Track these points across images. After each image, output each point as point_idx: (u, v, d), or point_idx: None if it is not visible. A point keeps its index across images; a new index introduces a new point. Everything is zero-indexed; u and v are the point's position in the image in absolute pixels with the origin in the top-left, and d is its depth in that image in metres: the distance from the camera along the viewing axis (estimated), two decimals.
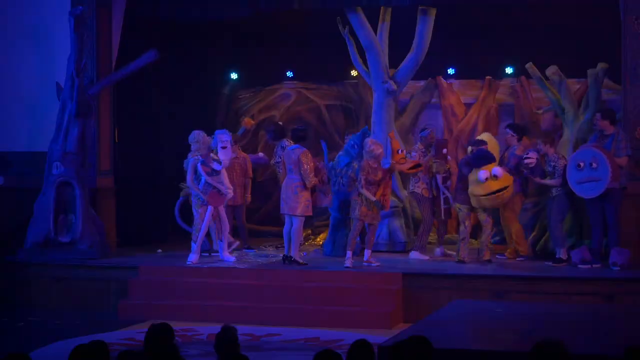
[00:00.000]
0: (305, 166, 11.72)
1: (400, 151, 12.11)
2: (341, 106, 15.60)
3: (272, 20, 14.73)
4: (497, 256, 12.36)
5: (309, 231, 13.76)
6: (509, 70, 14.74)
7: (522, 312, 9.26)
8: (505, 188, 11.74)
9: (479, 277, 11.15)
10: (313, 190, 12.00)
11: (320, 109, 15.62)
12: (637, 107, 11.74)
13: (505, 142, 12.83)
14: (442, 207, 12.35)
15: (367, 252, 11.88)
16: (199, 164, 12.02)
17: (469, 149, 12.45)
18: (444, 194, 12.32)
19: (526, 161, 11.89)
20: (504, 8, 13.75)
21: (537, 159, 11.84)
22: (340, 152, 12.69)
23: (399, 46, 13.51)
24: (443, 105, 14.92)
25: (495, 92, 14.76)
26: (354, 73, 14.98)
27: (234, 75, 16.10)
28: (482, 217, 11.96)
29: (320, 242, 13.81)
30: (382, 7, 13.41)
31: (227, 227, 12.32)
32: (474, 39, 14.39)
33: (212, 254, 12.65)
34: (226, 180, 12.17)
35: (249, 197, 13.36)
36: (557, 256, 11.75)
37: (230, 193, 12.18)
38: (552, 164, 11.71)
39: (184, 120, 14.88)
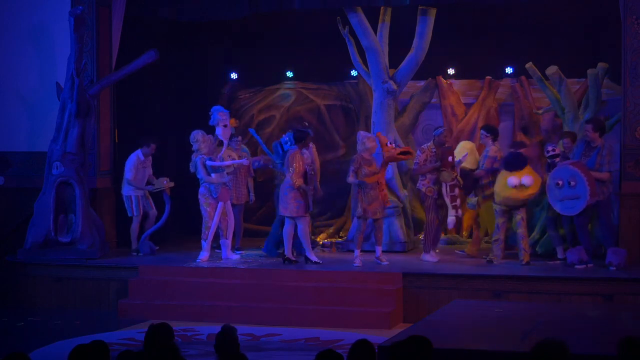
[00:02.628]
0: (292, 167, 11.78)
1: (389, 143, 12.13)
2: (341, 106, 15.59)
3: (272, 20, 14.73)
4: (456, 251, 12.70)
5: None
6: (509, 70, 14.73)
7: (522, 312, 9.26)
8: (531, 194, 11.71)
9: (479, 277, 11.15)
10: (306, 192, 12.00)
11: (320, 109, 15.60)
12: (637, 107, 11.74)
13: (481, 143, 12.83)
14: (449, 216, 12.00)
15: (378, 249, 11.98)
16: (207, 161, 12.12)
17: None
18: (452, 203, 11.96)
19: (552, 155, 11.84)
20: (504, 8, 13.75)
21: (560, 151, 11.84)
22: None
23: (399, 46, 13.50)
24: (443, 105, 14.91)
25: (495, 92, 14.76)
26: (354, 73, 14.98)
27: (234, 75, 16.10)
28: (518, 217, 11.79)
29: (320, 242, 13.81)
30: (382, 7, 13.41)
31: (232, 224, 12.38)
32: (474, 39, 14.38)
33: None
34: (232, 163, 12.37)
35: (253, 197, 13.39)
36: (559, 256, 11.78)
37: (246, 161, 12.50)
38: None
39: (183, 120, 14.88)
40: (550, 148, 12.00)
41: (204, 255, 12.21)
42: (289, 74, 15.91)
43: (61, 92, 12.76)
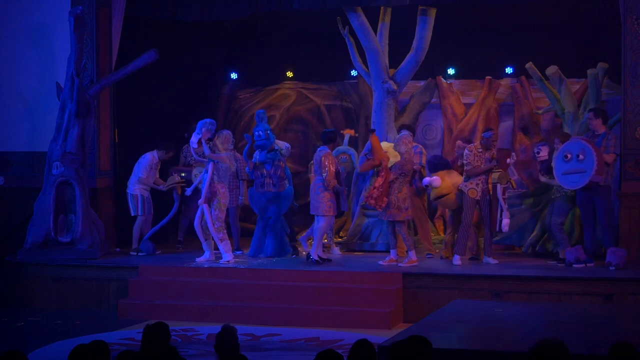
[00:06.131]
0: (326, 168, 11.85)
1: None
2: (341, 106, 15.60)
3: (272, 20, 14.74)
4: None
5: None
6: (509, 70, 14.75)
7: (522, 312, 9.27)
8: (443, 196, 12.06)
9: (479, 277, 11.14)
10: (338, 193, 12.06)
11: (320, 109, 15.62)
12: (637, 107, 11.74)
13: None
14: (498, 218, 11.74)
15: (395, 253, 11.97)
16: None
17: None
18: (505, 204, 11.72)
19: (540, 154, 11.93)
20: (504, 8, 13.76)
21: (548, 154, 11.88)
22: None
23: (399, 46, 13.51)
24: (443, 105, 14.92)
25: (495, 92, 14.76)
26: (354, 73, 14.99)
27: (234, 75, 16.10)
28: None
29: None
30: (382, 7, 13.42)
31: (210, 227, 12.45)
32: (474, 39, 14.40)
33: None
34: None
35: (245, 199, 13.28)
36: (560, 256, 11.77)
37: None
38: None
39: (183, 120, 14.88)
40: (536, 151, 12.09)
41: (228, 257, 12.18)
42: (289, 74, 15.91)
43: (61, 92, 12.76)
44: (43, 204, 12.59)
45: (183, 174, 13.42)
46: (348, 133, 13.62)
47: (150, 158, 13.01)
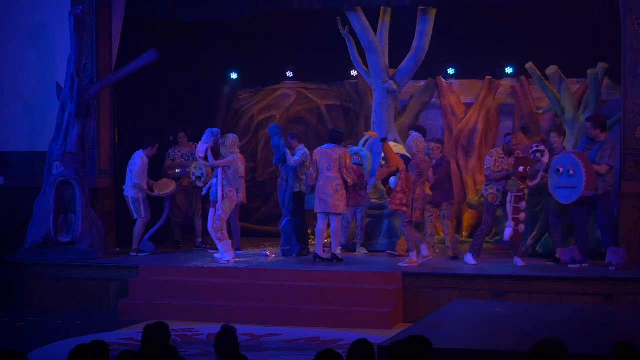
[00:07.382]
0: (348, 165, 11.91)
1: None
2: (341, 106, 15.60)
3: (272, 20, 14.74)
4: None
5: (309, 230, 13.73)
6: (509, 70, 14.74)
7: (522, 312, 9.27)
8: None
9: (479, 277, 11.15)
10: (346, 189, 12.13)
11: (320, 109, 15.61)
12: (637, 107, 11.75)
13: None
14: (507, 227, 11.57)
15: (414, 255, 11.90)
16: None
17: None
18: (513, 215, 11.51)
19: (538, 155, 11.91)
20: (504, 8, 13.76)
21: (547, 152, 11.89)
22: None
23: (399, 46, 13.51)
24: (443, 105, 14.91)
25: (495, 92, 14.76)
26: (354, 73, 14.98)
27: (234, 75, 16.10)
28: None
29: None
30: (382, 7, 13.42)
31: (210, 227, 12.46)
32: (474, 39, 14.39)
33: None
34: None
35: (242, 197, 13.25)
36: (556, 256, 11.77)
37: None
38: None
39: (183, 121, 14.88)
40: (534, 146, 12.10)
41: (228, 257, 12.22)
42: (289, 74, 15.91)
43: (61, 92, 12.75)
44: (43, 204, 12.59)
45: (178, 170, 13.44)
46: (368, 135, 13.43)
47: (140, 162, 12.94)
